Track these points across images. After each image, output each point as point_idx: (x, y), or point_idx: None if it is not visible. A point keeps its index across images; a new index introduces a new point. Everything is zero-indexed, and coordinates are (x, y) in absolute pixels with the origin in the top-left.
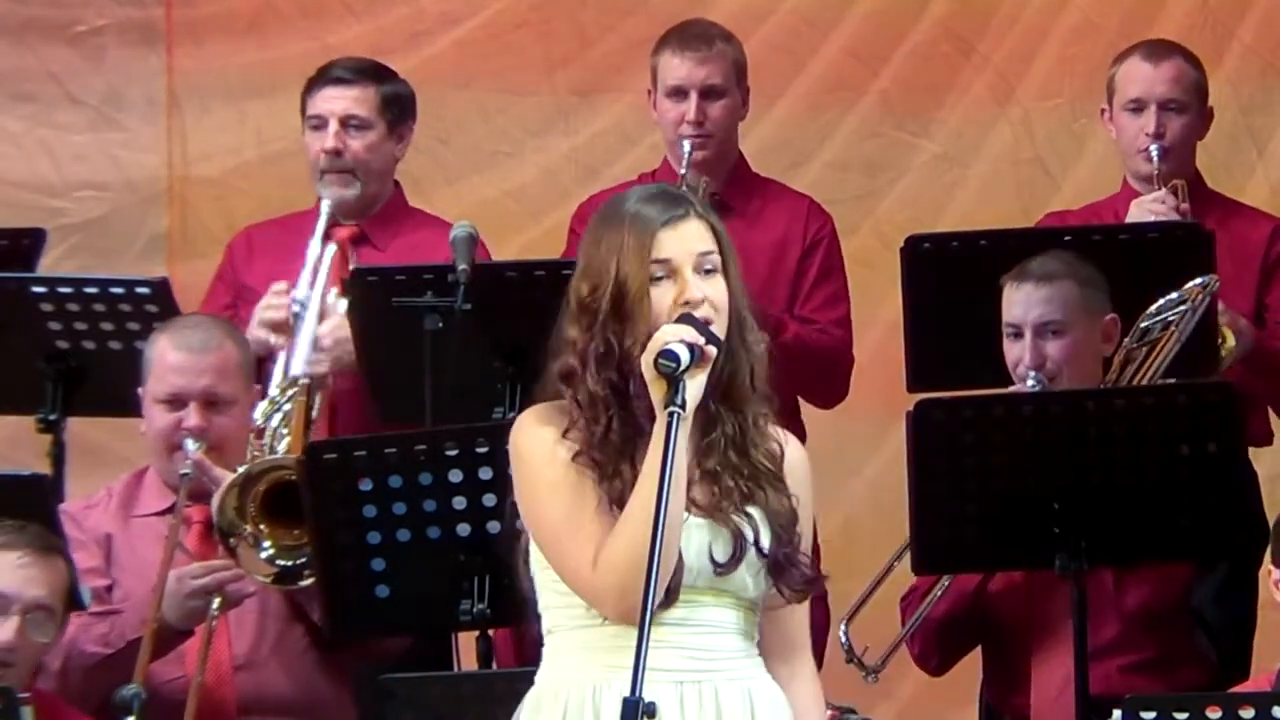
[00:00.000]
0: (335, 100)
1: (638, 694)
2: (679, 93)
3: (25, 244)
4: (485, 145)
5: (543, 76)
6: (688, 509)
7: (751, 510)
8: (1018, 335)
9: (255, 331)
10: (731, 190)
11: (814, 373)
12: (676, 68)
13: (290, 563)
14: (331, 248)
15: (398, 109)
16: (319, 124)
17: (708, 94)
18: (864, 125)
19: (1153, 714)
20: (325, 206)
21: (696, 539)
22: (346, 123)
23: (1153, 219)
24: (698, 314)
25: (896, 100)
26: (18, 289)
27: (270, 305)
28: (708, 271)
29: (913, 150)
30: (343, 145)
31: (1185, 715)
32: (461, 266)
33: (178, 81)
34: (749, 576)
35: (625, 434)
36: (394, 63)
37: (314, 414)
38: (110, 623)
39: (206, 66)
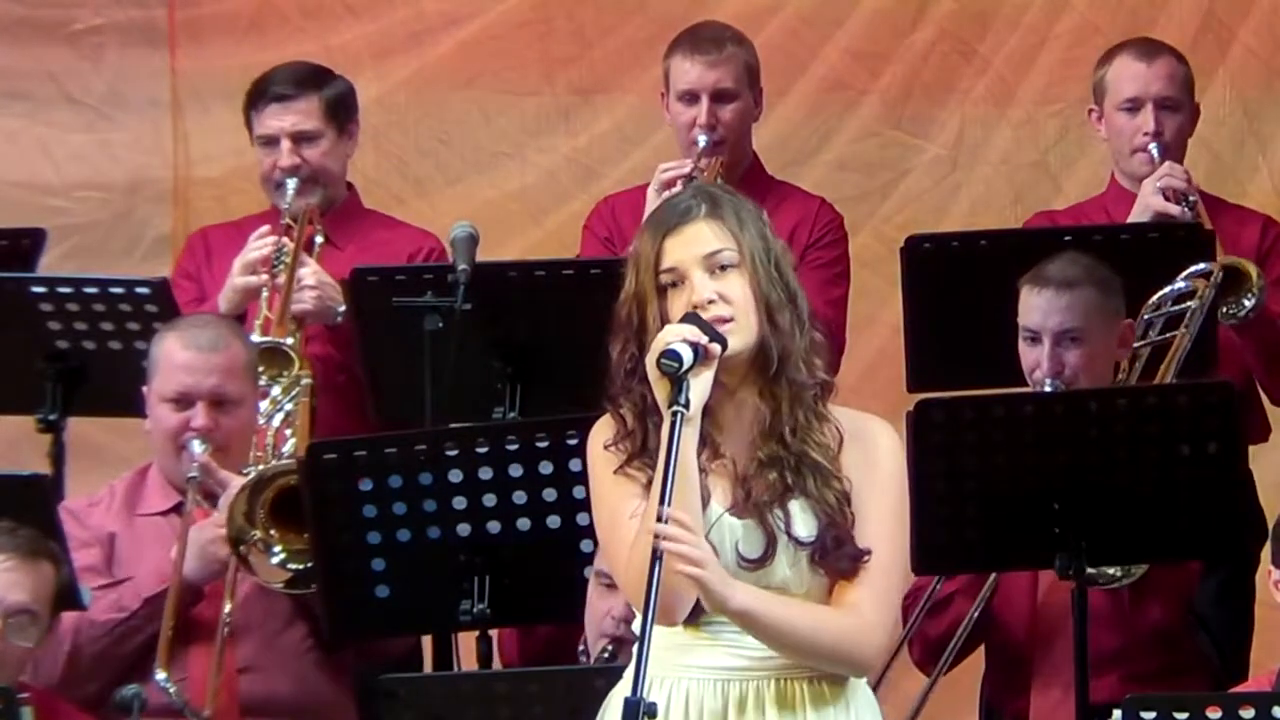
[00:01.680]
0: (282, 118)
1: (639, 694)
2: (691, 96)
3: (25, 244)
4: (486, 146)
5: (544, 77)
6: (730, 507)
7: (792, 503)
8: (1035, 340)
9: (236, 279)
10: (744, 191)
11: None
12: (687, 71)
13: (301, 567)
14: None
15: (342, 111)
16: (269, 141)
17: (719, 97)
18: (864, 126)
19: (1153, 714)
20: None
21: (729, 536)
22: (297, 138)
23: (1155, 185)
24: (708, 314)
25: (897, 101)
26: (17, 289)
27: (253, 248)
28: (722, 269)
29: (913, 151)
30: (299, 160)
31: (1185, 715)
32: (461, 266)
33: (180, 82)
34: (789, 569)
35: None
36: (395, 64)
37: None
38: (120, 590)
39: (209, 67)
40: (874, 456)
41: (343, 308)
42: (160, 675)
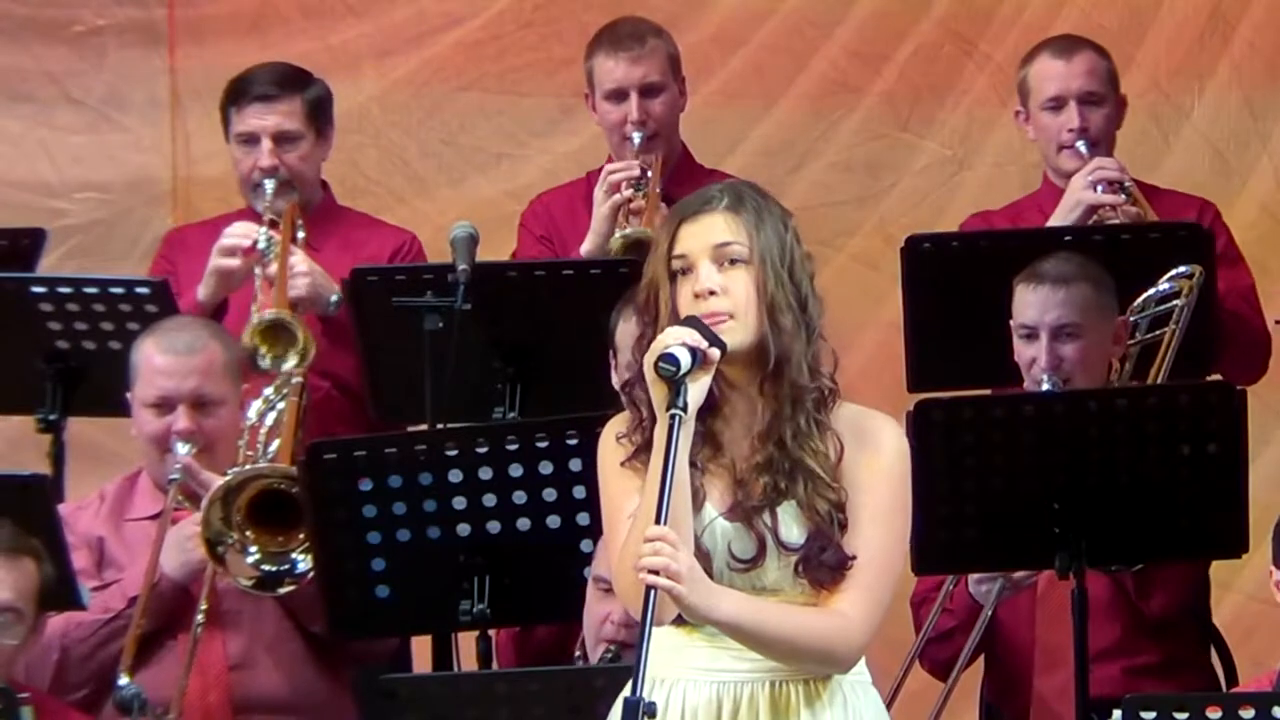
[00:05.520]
0: (265, 117)
1: (638, 694)
2: (618, 94)
3: (25, 244)
4: (488, 146)
5: (545, 77)
6: (725, 511)
7: (781, 508)
8: (1032, 336)
9: (215, 260)
10: (678, 182)
11: None
12: (612, 70)
13: (274, 568)
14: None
15: (322, 113)
16: (249, 140)
17: (646, 92)
18: (866, 126)
19: (1153, 714)
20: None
21: (721, 539)
22: (279, 138)
23: (1086, 179)
24: (708, 306)
25: (899, 100)
26: (17, 289)
27: (232, 233)
28: (731, 263)
29: (916, 151)
30: (278, 161)
31: (1185, 715)
32: (461, 266)
33: (180, 82)
34: (778, 572)
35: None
36: (396, 63)
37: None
38: (108, 593)
39: (209, 67)
40: (873, 455)
41: (336, 296)
42: (123, 680)
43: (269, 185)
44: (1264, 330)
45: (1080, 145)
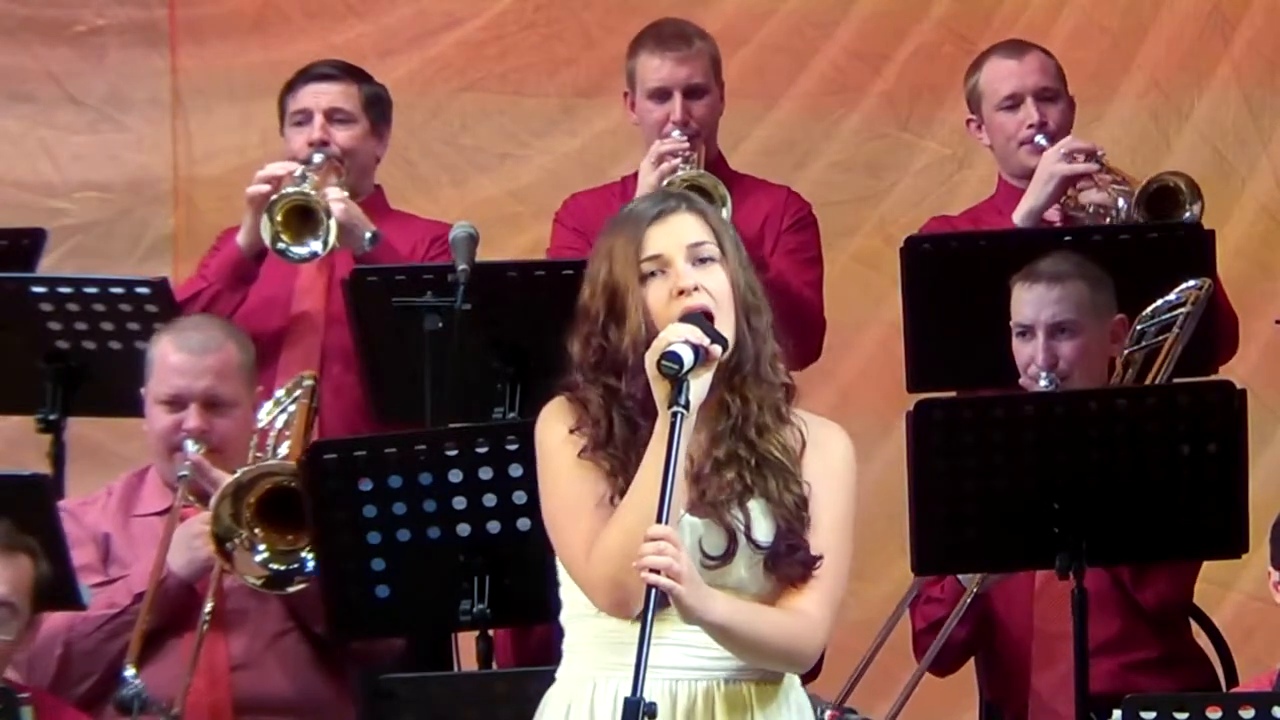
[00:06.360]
0: (320, 95)
1: (638, 694)
2: (662, 94)
3: (25, 244)
4: (489, 146)
5: (547, 77)
6: (687, 508)
7: (751, 504)
8: (1028, 335)
9: (250, 189)
10: None
11: (789, 319)
12: (657, 69)
13: (283, 567)
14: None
15: (379, 109)
16: (303, 119)
17: (691, 93)
18: (867, 126)
19: (1153, 714)
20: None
21: (690, 534)
22: (331, 116)
23: (1059, 154)
24: (692, 301)
25: (899, 100)
26: (18, 289)
27: (270, 166)
28: (703, 261)
29: (916, 151)
30: (328, 136)
31: (1185, 715)
32: (461, 266)
33: (182, 82)
34: (745, 571)
35: (625, 435)
36: (398, 63)
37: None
38: (113, 588)
39: (210, 66)
40: (829, 462)
41: (370, 233)
42: (129, 672)
43: (317, 159)
44: (1233, 315)
45: (1040, 139)
